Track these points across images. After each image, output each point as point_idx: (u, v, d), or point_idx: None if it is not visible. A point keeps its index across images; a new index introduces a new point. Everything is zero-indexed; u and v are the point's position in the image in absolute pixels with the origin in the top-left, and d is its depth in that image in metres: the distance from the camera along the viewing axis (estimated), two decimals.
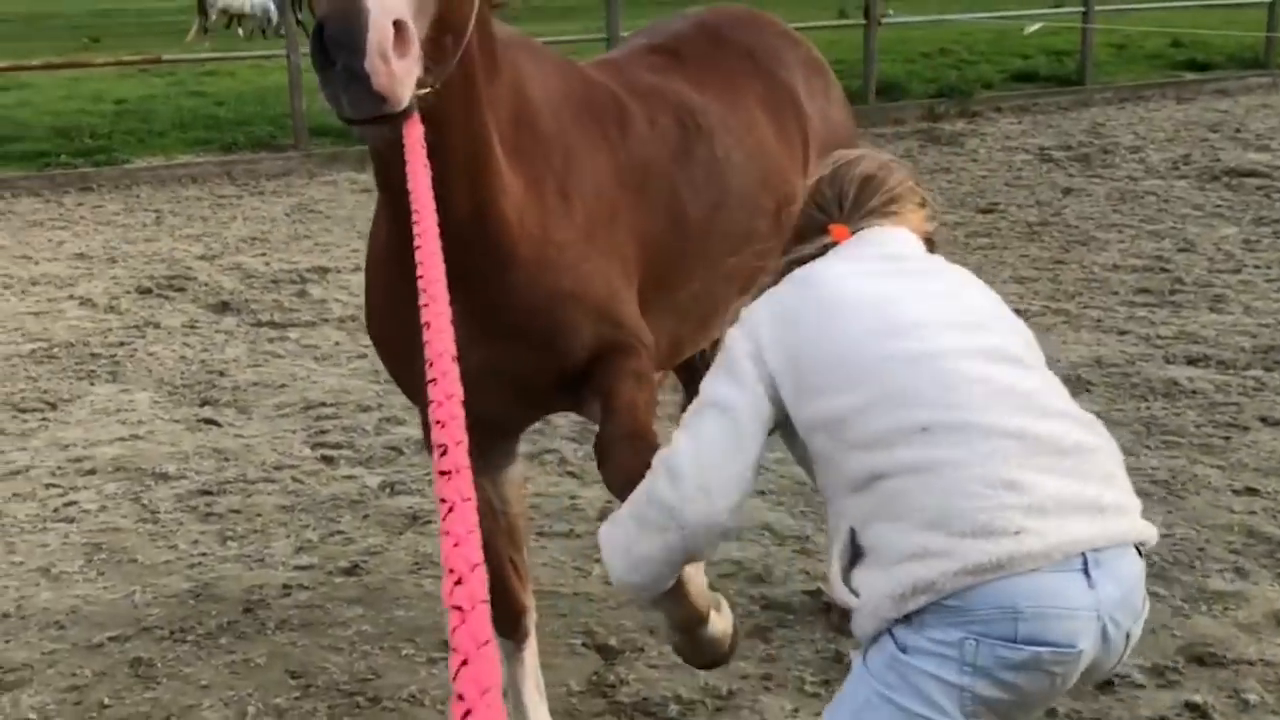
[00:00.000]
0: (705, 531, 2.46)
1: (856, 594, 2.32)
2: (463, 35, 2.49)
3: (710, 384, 2.53)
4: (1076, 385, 6.40)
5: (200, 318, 8.07)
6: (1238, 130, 13.95)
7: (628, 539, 2.54)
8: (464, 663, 1.15)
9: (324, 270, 9.04)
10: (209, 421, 6.35)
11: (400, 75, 2.10)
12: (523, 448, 3.48)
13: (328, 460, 5.86)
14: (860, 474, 2.31)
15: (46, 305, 8.40)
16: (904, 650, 2.22)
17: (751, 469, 2.47)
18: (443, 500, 1.39)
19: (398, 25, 2.08)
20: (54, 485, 5.64)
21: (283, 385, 6.84)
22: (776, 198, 3.63)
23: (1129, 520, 2.29)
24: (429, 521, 5.16)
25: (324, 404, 6.54)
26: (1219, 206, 10.38)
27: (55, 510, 5.39)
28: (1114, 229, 9.73)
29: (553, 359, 2.29)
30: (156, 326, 7.89)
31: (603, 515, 5.10)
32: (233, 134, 14.14)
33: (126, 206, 11.42)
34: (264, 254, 9.63)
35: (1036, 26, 18.95)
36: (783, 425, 2.51)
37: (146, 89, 17.16)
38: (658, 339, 3.23)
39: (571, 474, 5.61)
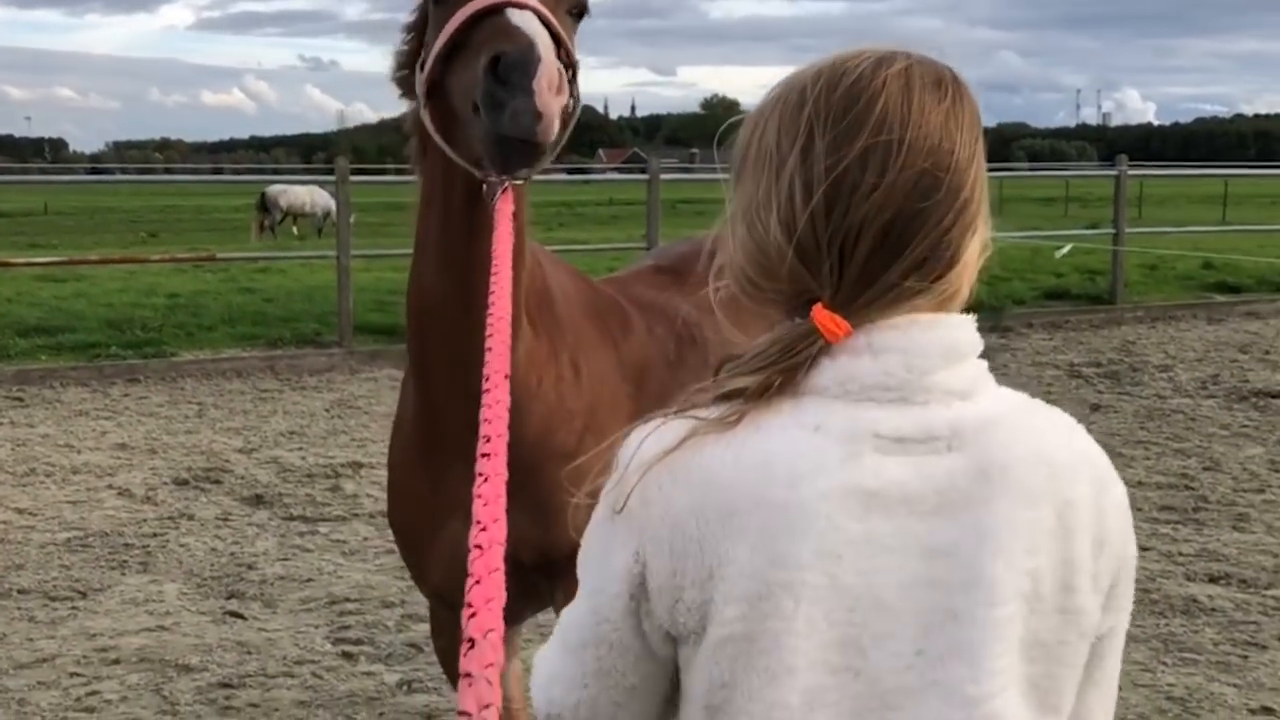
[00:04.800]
0: None
1: None
2: (566, 128, 2.74)
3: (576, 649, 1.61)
4: None
5: (233, 510, 8.22)
6: (1267, 352, 14.09)
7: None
8: (471, 645, 1.16)
9: (358, 465, 9.21)
10: (234, 614, 6.45)
11: (555, 107, 2.40)
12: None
13: (348, 656, 5.92)
14: None
15: (85, 494, 8.58)
16: None
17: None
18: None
19: (560, 71, 2.43)
20: (78, 674, 5.72)
21: (309, 579, 6.94)
22: None
23: None
24: None
25: (348, 599, 6.63)
26: (1245, 426, 10.46)
27: (78, 699, 5.46)
28: (1140, 446, 9.81)
29: (540, 533, 2.36)
30: (190, 518, 8.03)
31: None
32: (279, 330, 14.51)
33: (171, 398, 11.70)
34: (300, 448, 9.82)
35: (1066, 249, 19.31)
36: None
37: (199, 284, 17.63)
38: None
39: None
